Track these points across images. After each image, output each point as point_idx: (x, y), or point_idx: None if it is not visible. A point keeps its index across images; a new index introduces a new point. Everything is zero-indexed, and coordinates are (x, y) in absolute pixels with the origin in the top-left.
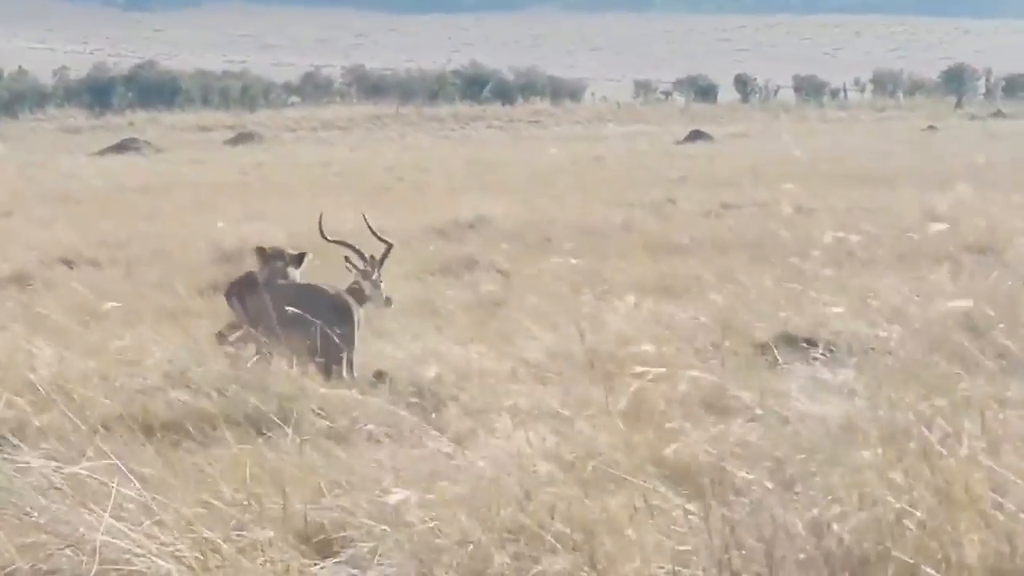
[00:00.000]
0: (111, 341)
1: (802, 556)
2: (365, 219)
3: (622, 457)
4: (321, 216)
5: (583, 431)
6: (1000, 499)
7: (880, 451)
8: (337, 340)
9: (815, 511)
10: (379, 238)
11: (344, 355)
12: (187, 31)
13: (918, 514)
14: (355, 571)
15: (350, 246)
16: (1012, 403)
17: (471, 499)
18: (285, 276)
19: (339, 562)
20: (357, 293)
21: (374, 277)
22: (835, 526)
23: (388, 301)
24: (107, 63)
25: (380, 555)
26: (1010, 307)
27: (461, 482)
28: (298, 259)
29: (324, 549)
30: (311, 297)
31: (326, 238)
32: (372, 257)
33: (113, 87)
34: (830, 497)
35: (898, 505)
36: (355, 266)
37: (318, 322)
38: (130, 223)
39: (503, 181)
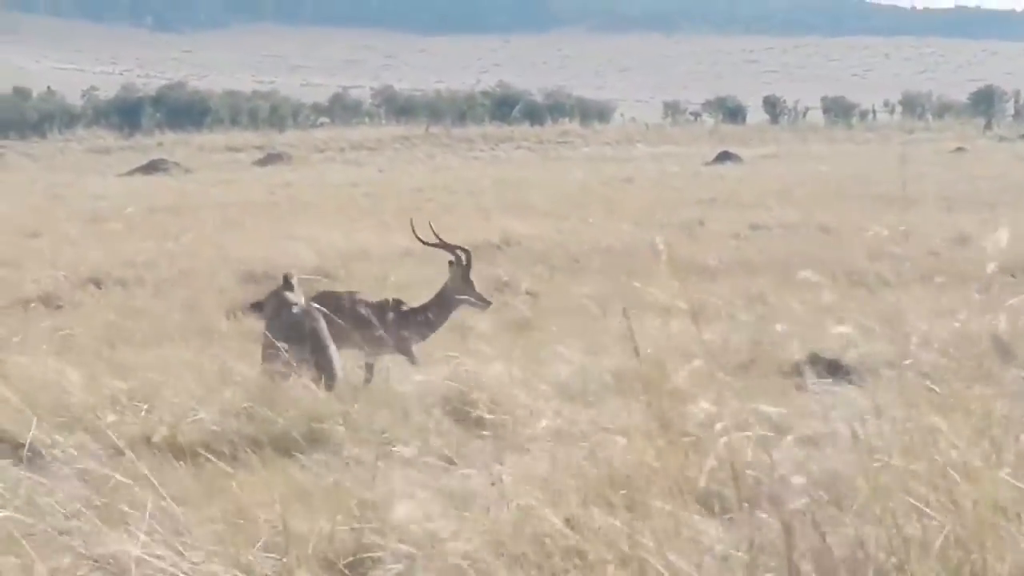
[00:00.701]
0: (140, 362)
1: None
2: (431, 227)
3: (655, 480)
4: (411, 223)
5: (613, 455)
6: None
7: (910, 469)
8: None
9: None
10: (450, 247)
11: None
12: (216, 52)
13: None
14: None
15: (451, 249)
16: None
17: (504, 523)
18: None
19: None
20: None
21: (470, 277)
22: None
23: (487, 301)
24: (136, 84)
25: None
26: None
27: (494, 506)
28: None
29: (354, 571)
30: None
31: (423, 242)
32: (462, 261)
33: (142, 108)
34: (873, 517)
35: (936, 522)
36: (455, 268)
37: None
38: (158, 243)
39: (532, 202)
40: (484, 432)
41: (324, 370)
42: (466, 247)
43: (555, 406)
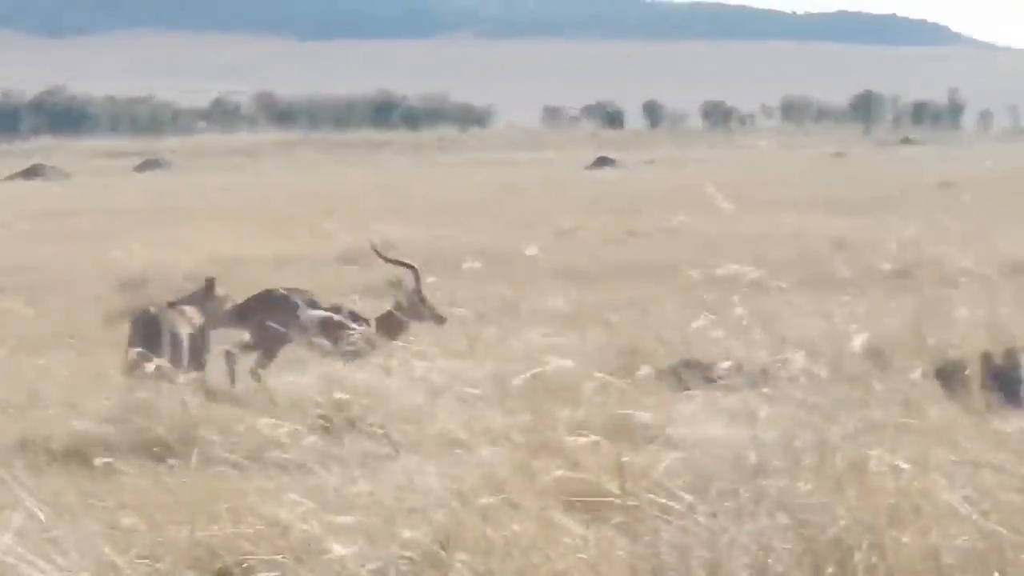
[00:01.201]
0: (14, 368)
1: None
2: (373, 247)
3: (524, 484)
4: (371, 240)
5: (486, 458)
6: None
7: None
8: None
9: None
10: (397, 262)
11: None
12: (96, 57)
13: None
14: None
15: (409, 266)
16: (911, 429)
17: (375, 527)
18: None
19: None
20: (390, 320)
21: (424, 295)
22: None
23: (441, 318)
24: (14, 89)
25: None
26: (916, 334)
27: (366, 510)
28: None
29: None
30: None
31: (383, 258)
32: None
33: (20, 113)
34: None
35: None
36: (407, 287)
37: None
38: (36, 249)
39: (411, 207)
40: (358, 436)
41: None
42: (414, 265)
43: (430, 410)
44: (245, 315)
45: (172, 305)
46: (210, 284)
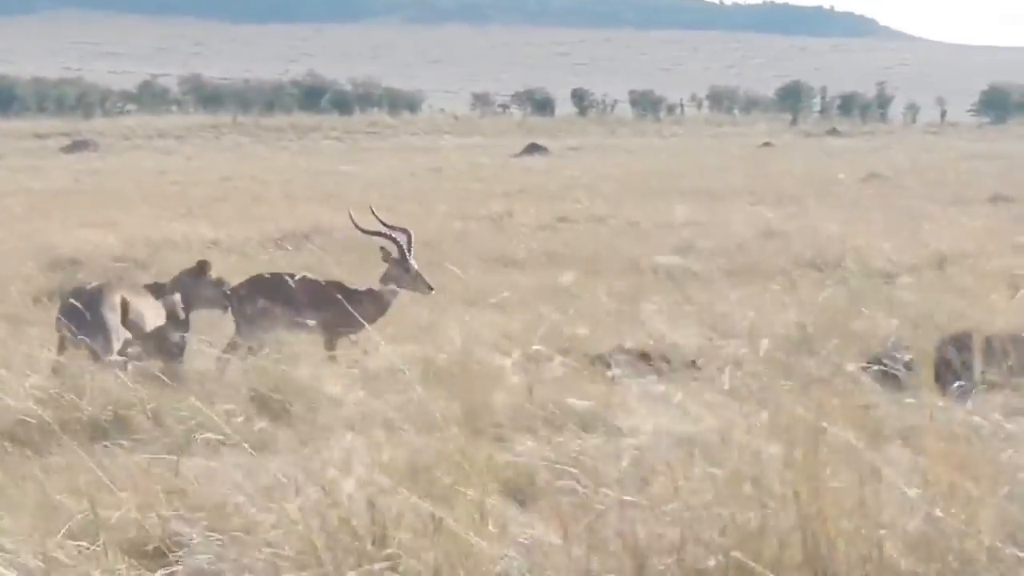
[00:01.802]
0: None
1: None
2: (373, 211)
3: (459, 468)
4: (350, 213)
5: (419, 442)
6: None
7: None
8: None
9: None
10: (390, 227)
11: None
12: (23, 38)
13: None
14: None
15: (388, 236)
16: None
17: (311, 509)
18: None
19: (177, 570)
20: (373, 295)
21: (411, 264)
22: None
23: (429, 287)
24: None
25: (218, 566)
26: (842, 323)
27: (301, 492)
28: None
29: (161, 559)
30: None
31: (361, 229)
32: (402, 248)
33: None
34: (681, 509)
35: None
36: (392, 257)
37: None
38: None
39: (340, 192)
40: (290, 419)
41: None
42: (406, 229)
43: (361, 395)
44: (245, 298)
45: (151, 288)
46: (201, 266)
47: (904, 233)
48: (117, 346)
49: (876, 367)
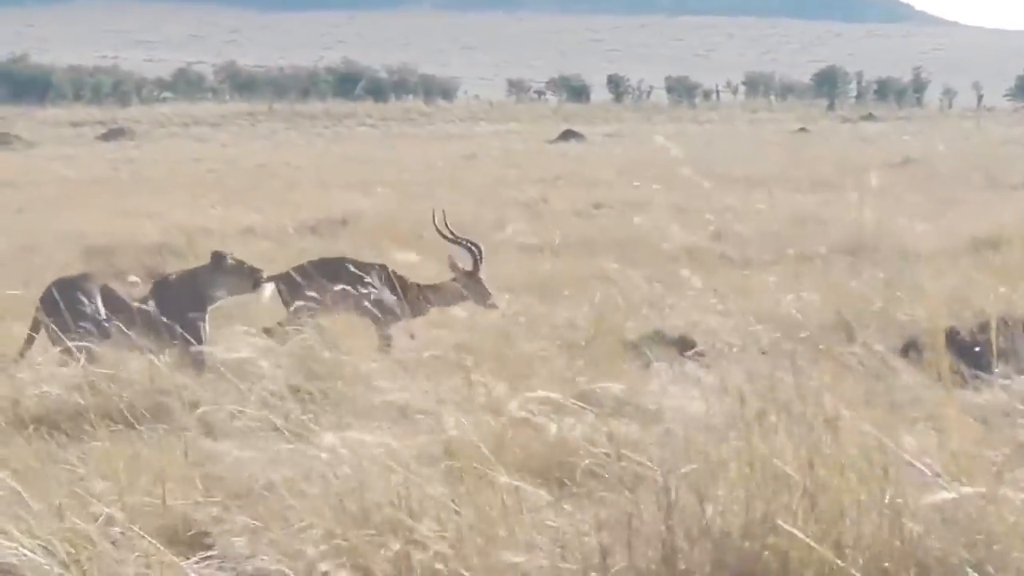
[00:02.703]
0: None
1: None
2: (441, 216)
3: (491, 454)
4: (434, 213)
5: (452, 428)
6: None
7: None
8: None
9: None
10: (458, 240)
11: None
12: (59, 26)
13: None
14: (228, 567)
15: (466, 246)
16: (877, 403)
17: (346, 496)
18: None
19: (211, 556)
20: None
21: (482, 278)
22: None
23: (494, 304)
24: None
25: (253, 552)
26: (879, 308)
27: (336, 479)
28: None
29: (197, 544)
30: None
31: (445, 236)
32: (476, 259)
33: None
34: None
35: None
36: (463, 268)
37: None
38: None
39: (376, 178)
40: (327, 407)
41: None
42: (478, 243)
43: (398, 380)
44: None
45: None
46: (216, 259)
47: (940, 218)
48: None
49: (912, 351)
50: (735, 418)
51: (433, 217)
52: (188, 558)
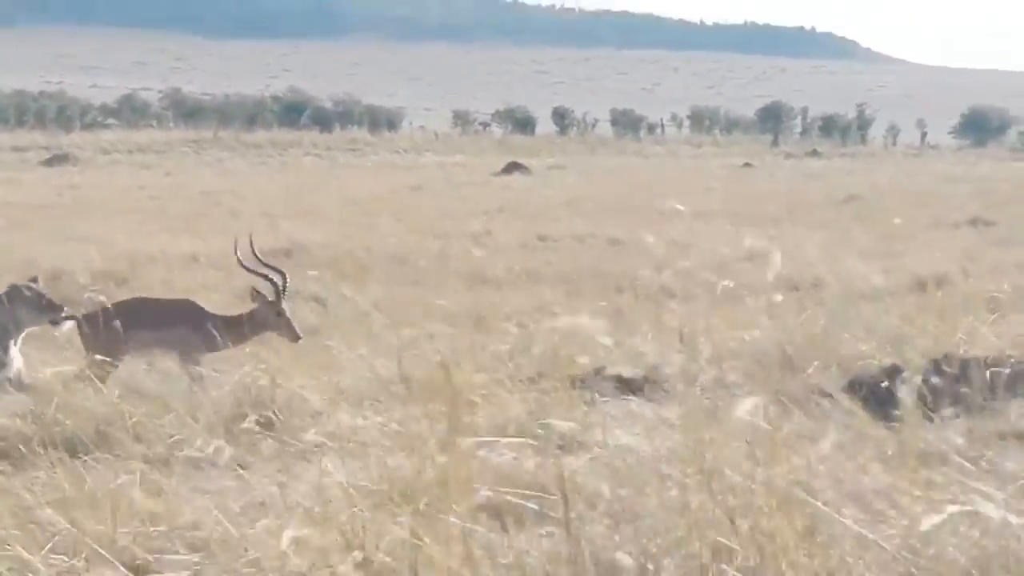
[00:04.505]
0: None
1: None
2: (252, 246)
3: (441, 490)
4: (236, 241)
5: (402, 462)
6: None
7: (691, 487)
8: None
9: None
10: (268, 266)
11: None
12: (3, 50)
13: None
14: None
15: (265, 277)
16: (821, 442)
17: (294, 531)
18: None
19: None
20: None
21: (283, 308)
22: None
23: (297, 336)
24: None
25: None
26: (823, 344)
27: (283, 514)
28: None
29: (145, 574)
30: None
31: (245, 266)
32: (278, 290)
33: None
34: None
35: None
36: (264, 299)
37: None
38: None
39: (320, 208)
40: (271, 438)
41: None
42: (283, 271)
43: (343, 413)
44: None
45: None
46: (12, 289)
47: (884, 255)
48: None
49: (857, 389)
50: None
51: (235, 247)
52: None
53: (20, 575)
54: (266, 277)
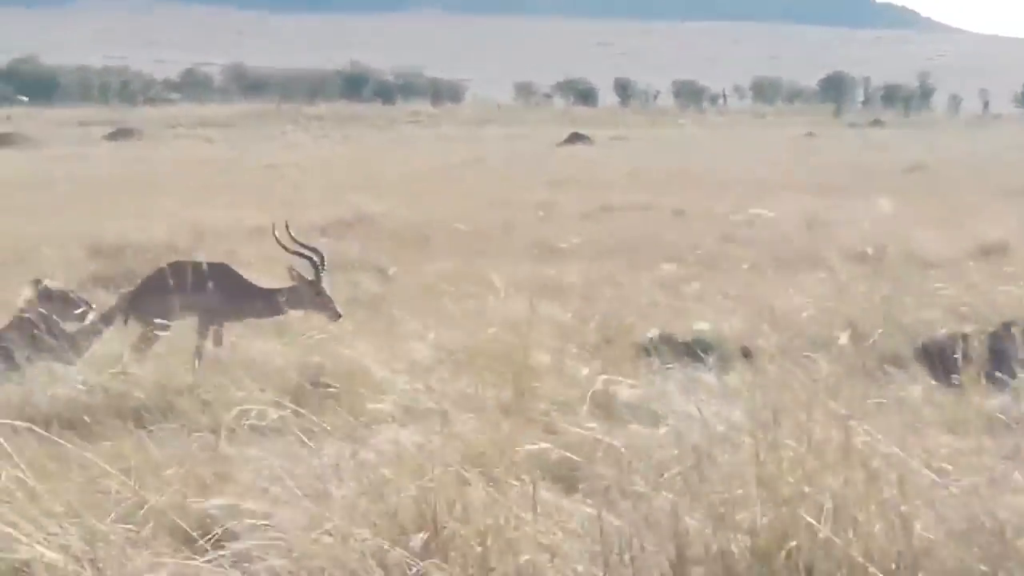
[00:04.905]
0: None
1: (705, 551)
2: (287, 227)
3: (506, 456)
4: (273, 225)
5: (466, 430)
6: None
7: (761, 452)
8: None
9: (711, 504)
10: (297, 250)
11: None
12: (68, 27)
13: (827, 504)
14: (238, 566)
15: (306, 256)
16: (886, 408)
17: (357, 498)
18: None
19: (222, 556)
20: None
21: (323, 287)
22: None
23: (337, 313)
24: None
25: (263, 552)
26: (889, 311)
27: (347, 480)
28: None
29: (209, 543)
30: None
31: (284, 246)
32: (317, 268)
33: None
34: (723, 494)
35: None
36: (303, 277)
37: None
38: (7, 217)
39: (383, 180)
40: (338, 407)
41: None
42: (320, 251)
43: (409, 382)
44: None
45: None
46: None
47: (948, 223)
48: None
49: (923, 357)
50: (743, 426)
51: (273, 229)
52: (201, 556)
53: (89, 543)
54: (307, 256)
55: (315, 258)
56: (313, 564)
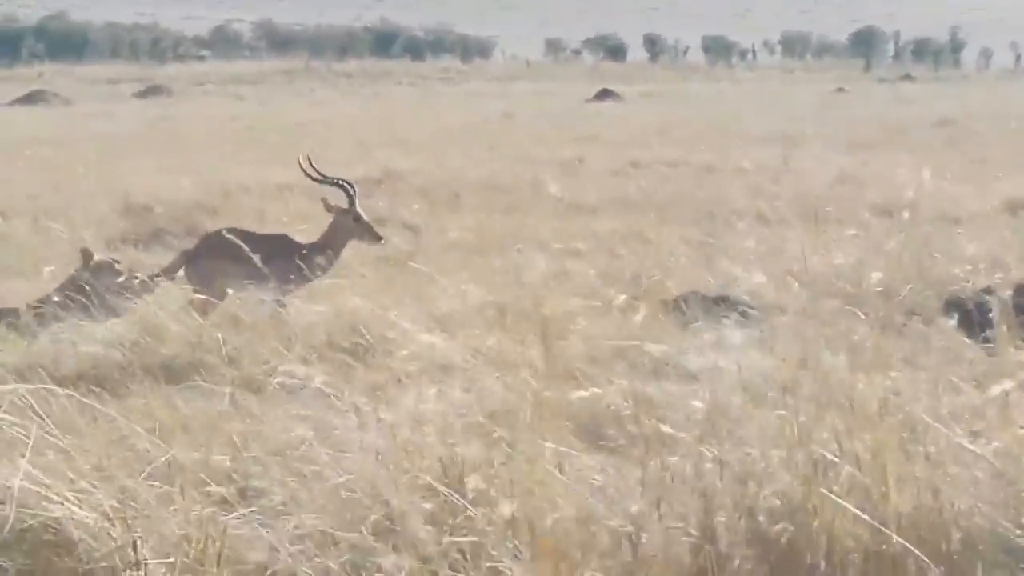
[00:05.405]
0: (19, 291)
1: (734, 507)
2: (311, 162)
3: (535, 413)
4: (299, 158)
5: (496, 388)
6: (920, 447)
7: (790, 408)
8: None
9: (740, 462)
10: (327, 180)
11: None
12: None
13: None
14: (267, 523)
15: (338, 184)
16: (918, 363)
17: (386, 455)
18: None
19: (251, 511)
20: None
21: (360, 212)
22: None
23: (378, 237)
24: (16, 13)
25: (292, 508)
26: (918, 266)
27: (376, 438)
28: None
29: (236, 499)
30: None
31: (312, 177)
32: (351, 196)
33: (23, 38)
34: (751, 451)
35: (827, 452)
36: (339, 207)
37: None
38: (38, 175)
39: (412, 137)
40: (367, 364)
41: None
42: (349, 180)
43: (437, 339)
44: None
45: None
46: (87, 258)
47: (978, 179)
48: None
49: (954, 312)
50: (773, 382)
51: (299, 162)
52: (228, 513)
53: (119, 500)
54: (339, 185)
55: (348, 187)
56: (339, 522)
